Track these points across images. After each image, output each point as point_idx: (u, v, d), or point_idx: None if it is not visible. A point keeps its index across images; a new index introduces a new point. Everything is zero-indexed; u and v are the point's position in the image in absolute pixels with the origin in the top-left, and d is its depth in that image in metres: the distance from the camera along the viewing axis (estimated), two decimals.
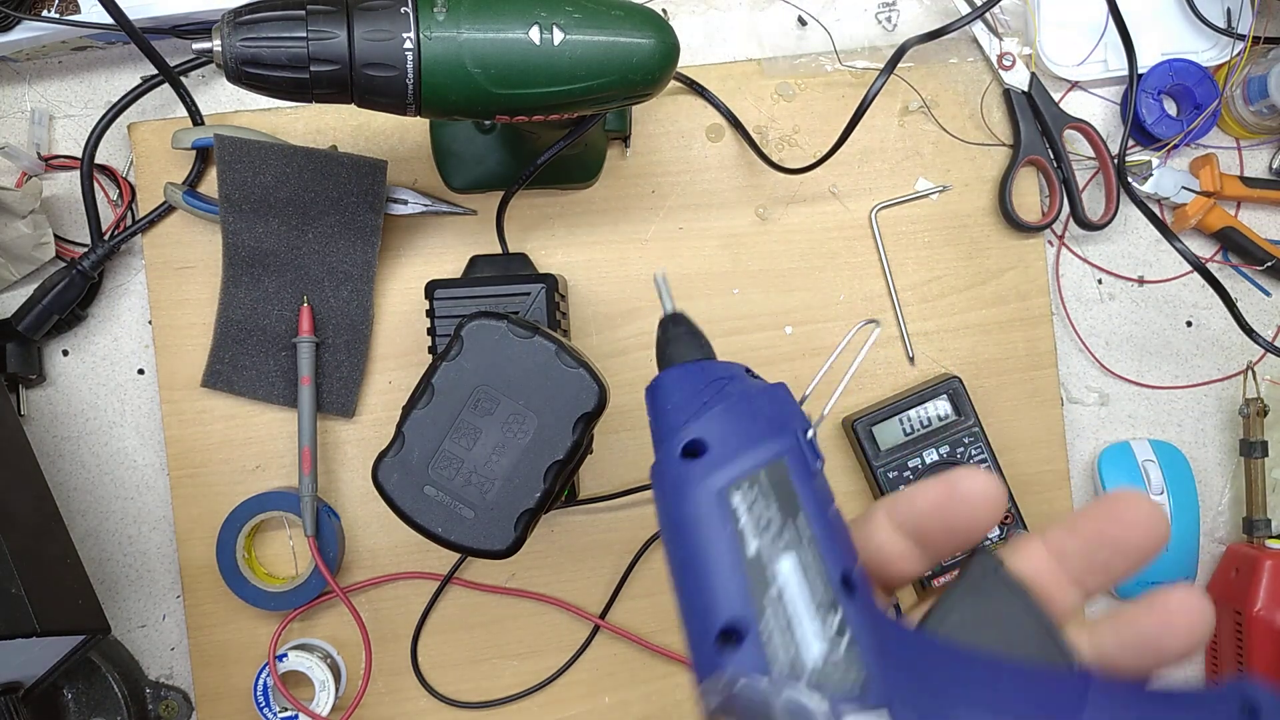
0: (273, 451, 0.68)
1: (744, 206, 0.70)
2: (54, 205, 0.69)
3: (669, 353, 0.36)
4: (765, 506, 0.29)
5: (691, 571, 0.28)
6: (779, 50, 0.70)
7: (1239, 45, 0.70)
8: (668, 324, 0.37)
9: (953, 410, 0.68)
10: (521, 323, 0.52)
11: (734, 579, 0.28)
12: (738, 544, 0.28)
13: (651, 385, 0.35)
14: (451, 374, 0.52)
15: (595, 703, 0.70)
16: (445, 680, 0.69)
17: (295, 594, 0.66)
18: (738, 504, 0.29)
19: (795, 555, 0.28)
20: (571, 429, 0.51)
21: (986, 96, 0.71)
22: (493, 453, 0.51)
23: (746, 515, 0.29)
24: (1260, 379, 0.71)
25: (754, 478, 0.29)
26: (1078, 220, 0.70)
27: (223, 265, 0.66)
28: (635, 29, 0.50)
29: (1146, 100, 0.70)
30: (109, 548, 0.69)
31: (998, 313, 0.71)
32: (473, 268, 0.65)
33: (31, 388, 0.69)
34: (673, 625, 0.70)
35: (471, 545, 0.51)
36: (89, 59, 0.70)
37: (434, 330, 0.61)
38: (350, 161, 0.64)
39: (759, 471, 0.30)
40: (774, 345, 0.70)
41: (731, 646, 0.27)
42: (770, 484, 0.29)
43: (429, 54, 0.47)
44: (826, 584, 0.28)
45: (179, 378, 0.68)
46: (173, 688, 0.69)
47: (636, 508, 0.69)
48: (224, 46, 0.46)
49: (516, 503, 0.51)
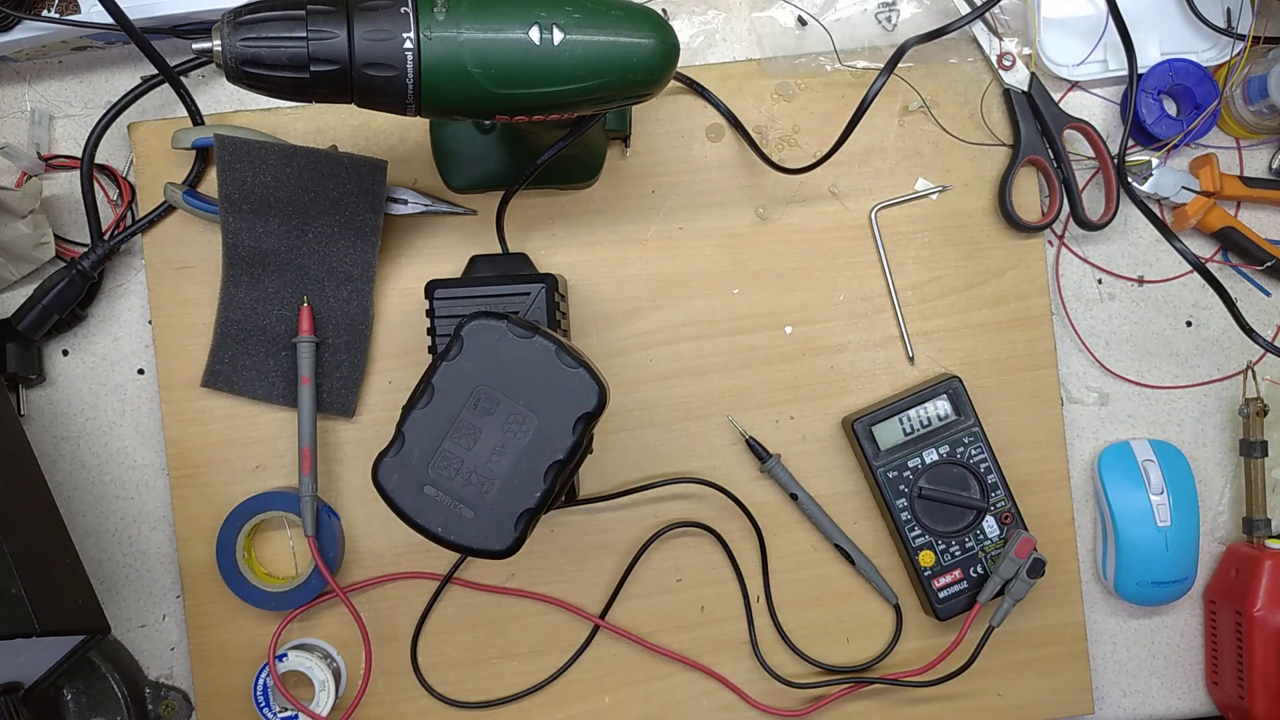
0: (273, 451, 0.68)
1: (744, 206, 0.70)
2: (54, 205, 0.69)
3: None
4: None
5: None
6: (779, 50, 0.70)
7: (1239, 45, 0.70)
8: None
9: (953, 410, 0.68)
10: (521, 322, 0.52)
11: None
12: None
13: None
14: (451, 374, 0.52)
15: (595, 703, 0.70)
16: (445, 680, 0.69)
17: (295, 594, 0.66)
18: None
19: None
20: (571, 429, 0.51)
21: (986, 96, 0.71)
22: (493, 453, 0.51)
23: None
24: (1260, 379, 0.71)
25: None
26: (1078, 220, 0.70)
27: (223, 265, 0.66)
28: (635, 29, 0.50)
29: (1146, 100, 0.70)
30: (109, 548, 0.69)
31: (998, 313, 0.71)
32: (473, 268, 0.65)
33: (31, 388, 0.69)
34: (673, 625, 0.70)
35: (471, 545, 0.51)
36: (89, 59, 0.70)
37: (434, 330, 0.61)
38: (350, 161, 0.64)
39: None
40: (774, 345, 0.70)
41: None
42: None
43: (429, 54, 0.47)
44: None
45: (179, 378, 0.68)
46: (173, 688, 0.69)
47: (636, 508, 0.69)
48: (224, 46, 0.46)
49: (516, 503, 0.51)
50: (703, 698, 0.70)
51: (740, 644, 0.70)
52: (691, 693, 0.70)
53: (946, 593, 0.68)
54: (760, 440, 0.69)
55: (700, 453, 0.70)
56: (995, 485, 0.68)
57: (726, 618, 0.70)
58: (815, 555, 0.70)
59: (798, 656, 0.70)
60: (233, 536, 0.66)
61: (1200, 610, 0.73)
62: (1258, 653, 0.67)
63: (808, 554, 0.70)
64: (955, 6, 0.70)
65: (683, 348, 0.70)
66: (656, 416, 0.70)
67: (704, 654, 0.70)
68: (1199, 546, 0.71)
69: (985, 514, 0.68)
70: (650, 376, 0.70)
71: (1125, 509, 0.69)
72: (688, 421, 0.70)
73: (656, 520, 0.70)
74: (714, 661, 0.70)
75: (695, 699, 0.70)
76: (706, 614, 0.70)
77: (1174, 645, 0.73)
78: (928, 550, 0.68)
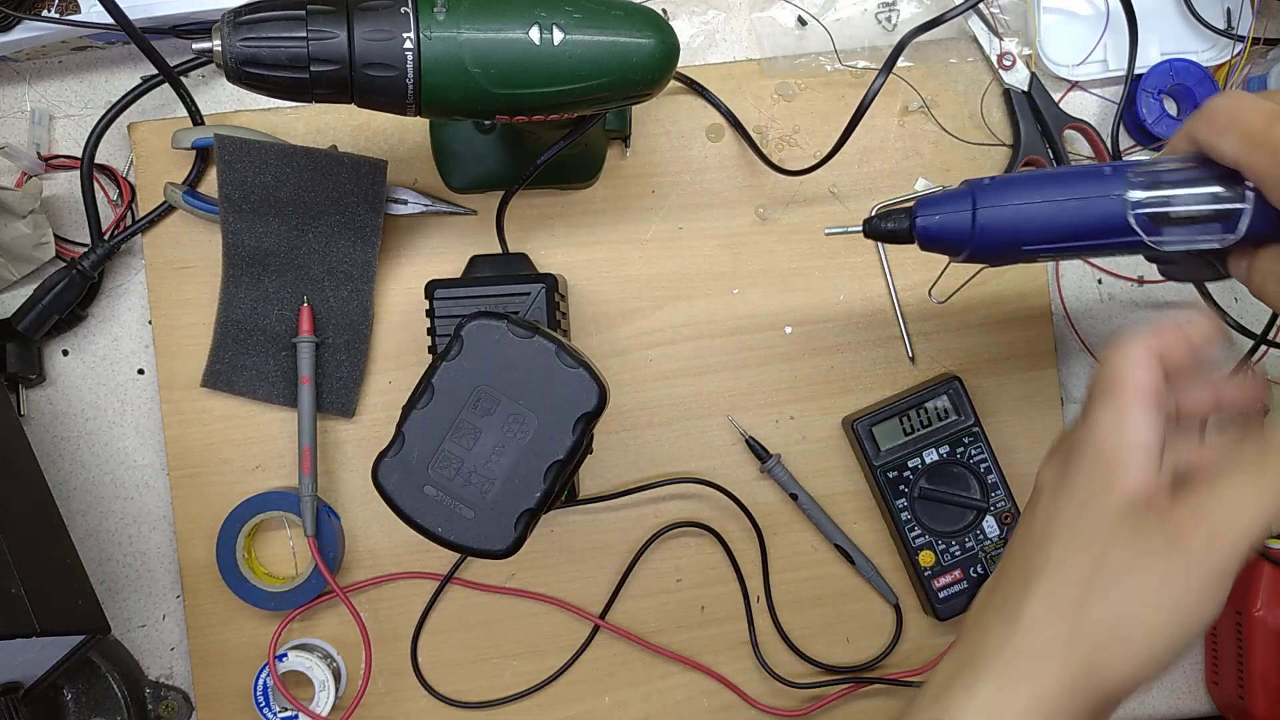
0: (273, 451, 0.68)
1: (744, 206, 0.70)
2: (54, 205, 0.69)
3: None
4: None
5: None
6: (779, 50, 0.70)
7: (1239, 45, 0.70)
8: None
9: (953, 410, 0.68)
10: (521, 322, 0.52)
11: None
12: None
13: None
14: (451, 374, 0.52)
15: (595, 703, 0.70)
16: (445, 680, 0.69)
17: (295, 594, 0.66)
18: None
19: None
20: (572, 429, 0.51)
21: (986, 96, 0.71)
22: (493, 453, 0.51)
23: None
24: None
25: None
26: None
27: (223, 265, 0.66)
28: (635, 29, 0.50)
29: (1147, 100, 0.70)
30: (109, 548, 0.69)
31: (998, 313, 0.71)
32: (472, 268, 0.65)
33: (31, 388, 0.69)
34: (673, 625, 0.70)
35: (471, 545, 0.51)
36: (89, 59, 0.70)
37: (434, 330, 0.61)
38: (350, 161, 0.64)
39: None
40: (774, 345, 0.70)
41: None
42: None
43: (429, 54, 0.47)
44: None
45: (179, 378, 0.68)
46: (173, 688, 0.69)
47: (636, 508, 0.69)
48: (224, 46, 0.46)
49: (517, 503, 0.51)
50: (703, 698, 0.70)
51: (740, 644, 0.70)
52: (691, 693, 0.70)
53: (947, 593, 0.68)
54: (760, 440, 0.69)
55: (700, 453, 0.70)
56: (995, 485, 0.68)
57: (726, 618, 0.70)
58: (815, 555, 0.70)
59: (798, 656, 0.70)
60: (233, 536, 0.66)
61: None
62: (1258, 653, 0.67)
63: (808, 554, 0.70)
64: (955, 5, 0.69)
65: (683, 348, 0.70)
66: (656, 416, 0.70)
67: (704, 654, 0.70)
68: None
69: (985, 514, 0.68)
70: (650, 376, 0.70)
71: None
72: (688, 421, 0.70)
73: (656, 520, 0.70)
74: (714, 661, 0.70)
75: (695, 699, 0.70)
76: (706, 614, 0.70)
77: None
78: (928, 550, 0.68)
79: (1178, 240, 0.48)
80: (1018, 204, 0.49)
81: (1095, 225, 0.49)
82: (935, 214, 0.51)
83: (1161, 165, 0.48)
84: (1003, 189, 0.50)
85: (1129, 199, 0.48)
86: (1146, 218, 0.48)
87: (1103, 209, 0.49)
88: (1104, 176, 0.49)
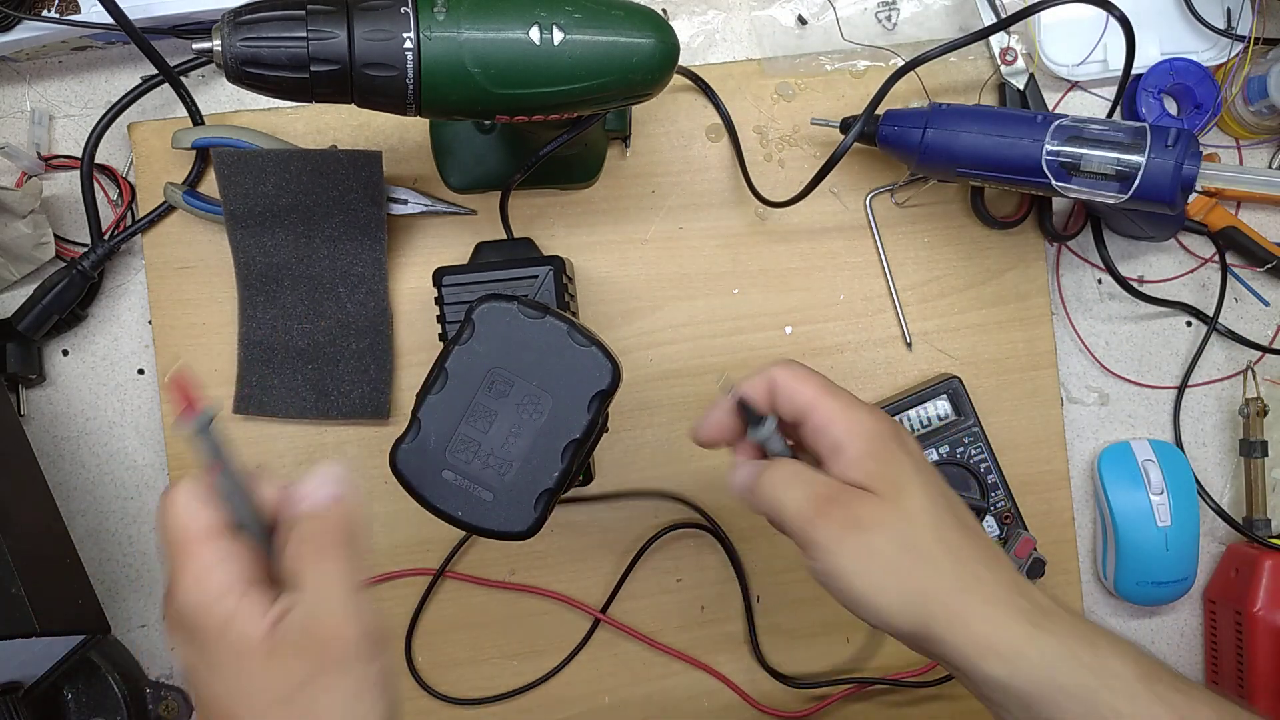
0: (273, 451, 0.68)
1: (744, 206, 0.70)
2: (54, 205, 0.69)
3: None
4: None
5: None
6: (779, 50, 0.70)
7: (1239, 45, 0.70)
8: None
9: (953, 410, 0.68)
10: (532, 304, 0.52)
11: None
12: None
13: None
14: (464, 358, 0.51)
15: (595, 703, 0.70)
16: (445, 680, 0.69)
17: None
18: None
19: None
20: (587, 407, 0.51)
21: (985, 94, 0.71)
22: (509, 434, 0.51)
23: None
24: (1260, 379, 0.71)
25: None
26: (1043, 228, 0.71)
27: (237, 287, 0.66)
28: (635, 29, 0.50)
29: (1147, 99, 0.70)
30: (109, 548, 0.69)
31: (998, 313, 0.71)
32: (479, 254, 0.65)
33: (31, 388, 0.69)
34: (673, 625, 0.70)
35: (492, 528, 0.51)
36: (89, 59, 0.70)
37: (444, 318, 0.60)
38: (346, 156, 0.63)
39: None
40: (774, 345, 0.70)
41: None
42: None
43: (429, 54, 0.47)
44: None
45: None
46: (173, 688, 0.69)
47: (637, 508, 0.69)
48: (224, 46, 0.46)
49: (535, 483, 0.51)
50: (703, 697, 0.70)
51: (740, 644, 0.70)
52: (692, 692, 0.70)
53: None
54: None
55: (701, 453, 0.69)
56: (995, 485, 0.68)
57: (726, 618, 0.70)
58: None
59: (798, 656, 0.70)
60: None
61: (1200, 610, 0.73)
62: (1258, 653, 0.67)
63: None
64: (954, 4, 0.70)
65: (683, 348, 0.70)
66: (656, 416, 0.70)
67: (704, 654, 0.70)
68: (1199, 546, 0.71)
69: (985, 514, 0.68)
70: (650, 376, 0.70)
71: (1125, 509, 0.69)
72: (688, 421, 0.70)
73: (656, 520, 0.70)
74: (714, 661, 0.70)
75: (695, 699, 0.70)
76: (707, 614, 0.70)
77: (1174, 645, 0.73)
78: None
79: (1079, 190, 0.59)
80: (959, 131, 0.61)
81: (1016, 163, 0.60)
82: (895, 126, 0.63)
83: (1085, 123, 0.59)
84: (950, 117, 0.62)
85: (1047, 147, 0.59)
86: (1058, 165, 0.59)
87: (1025, 151, 0.60)
88: (1034, 124, 0.60)
